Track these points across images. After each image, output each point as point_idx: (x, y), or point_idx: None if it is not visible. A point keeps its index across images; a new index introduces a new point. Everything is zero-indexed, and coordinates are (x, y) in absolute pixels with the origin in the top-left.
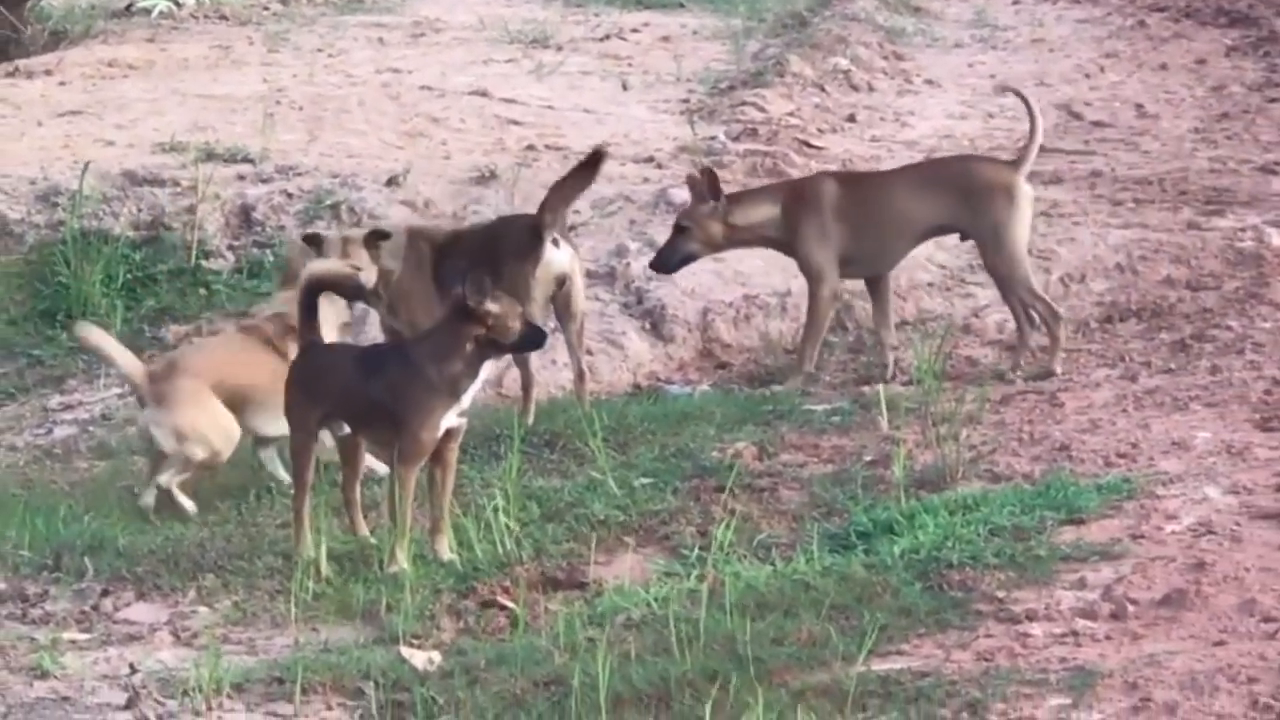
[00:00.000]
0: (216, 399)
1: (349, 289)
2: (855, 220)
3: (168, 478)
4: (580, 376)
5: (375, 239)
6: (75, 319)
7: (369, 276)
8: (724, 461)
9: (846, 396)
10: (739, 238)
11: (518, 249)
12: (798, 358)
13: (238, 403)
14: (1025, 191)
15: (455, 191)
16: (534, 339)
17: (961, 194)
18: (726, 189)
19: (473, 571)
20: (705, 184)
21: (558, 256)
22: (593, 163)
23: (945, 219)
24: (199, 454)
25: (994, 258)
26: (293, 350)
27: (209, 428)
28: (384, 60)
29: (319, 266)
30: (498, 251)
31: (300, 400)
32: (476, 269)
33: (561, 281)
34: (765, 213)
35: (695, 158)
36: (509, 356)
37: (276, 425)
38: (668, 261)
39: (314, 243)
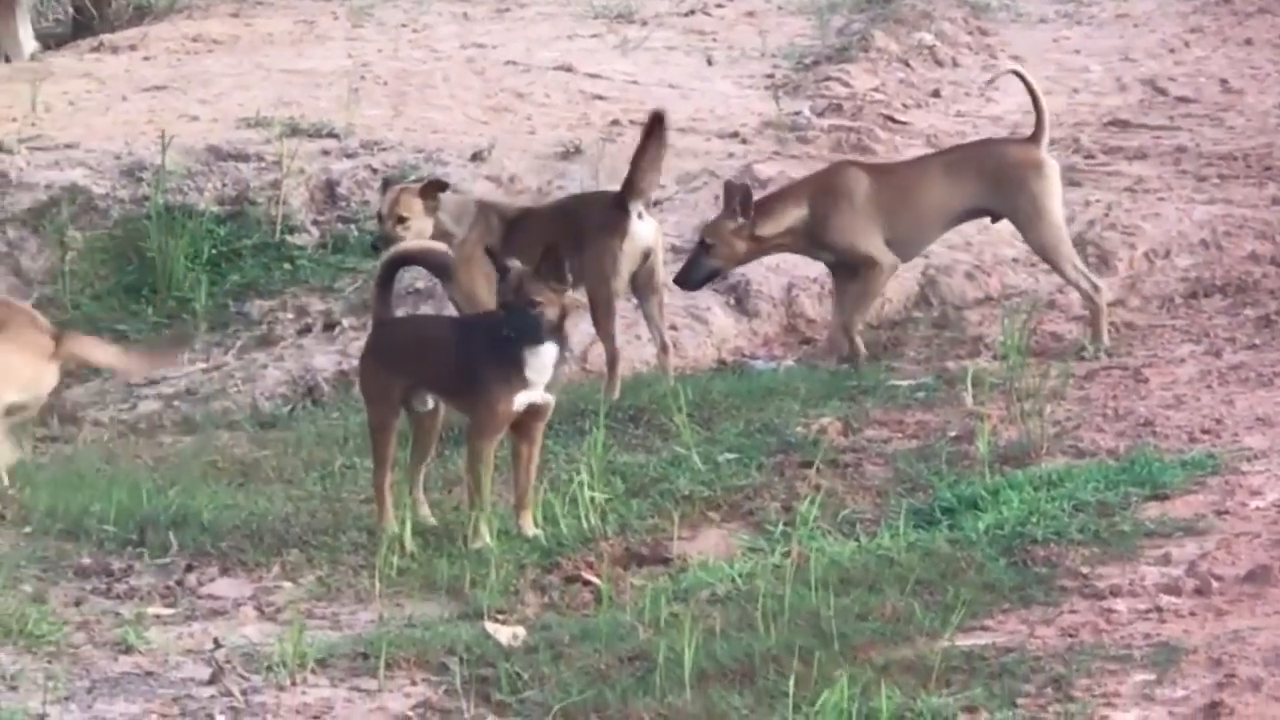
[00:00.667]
0: None
1: (435, 265)
2: (887, 209)
3: None
4: (664, 349)
5: (434, 190)
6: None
7: (422, 227)
8: (809, 437)
9: (931, 372)
10: (766, 248)
11: (603, 224)
12: (844, 326)
13: None
14: (1052, 165)
15: (540, 166)
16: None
17: (991, 177)
18: (812, 163)
19: (557, 547)
20: (738, 201)
21: (643, 230)
22: (655, 127)
23: (976, 203)
24: None
25: (1038, 235)
26: None
27: None
28: (468, 35)
29: (405, 244)
30: (580, 227)
31: (380, 374)
32: (505, 257)
33: (647, 255)
34: (794, 216)
35: (780, 133)
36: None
37: None
38: (690, 278)
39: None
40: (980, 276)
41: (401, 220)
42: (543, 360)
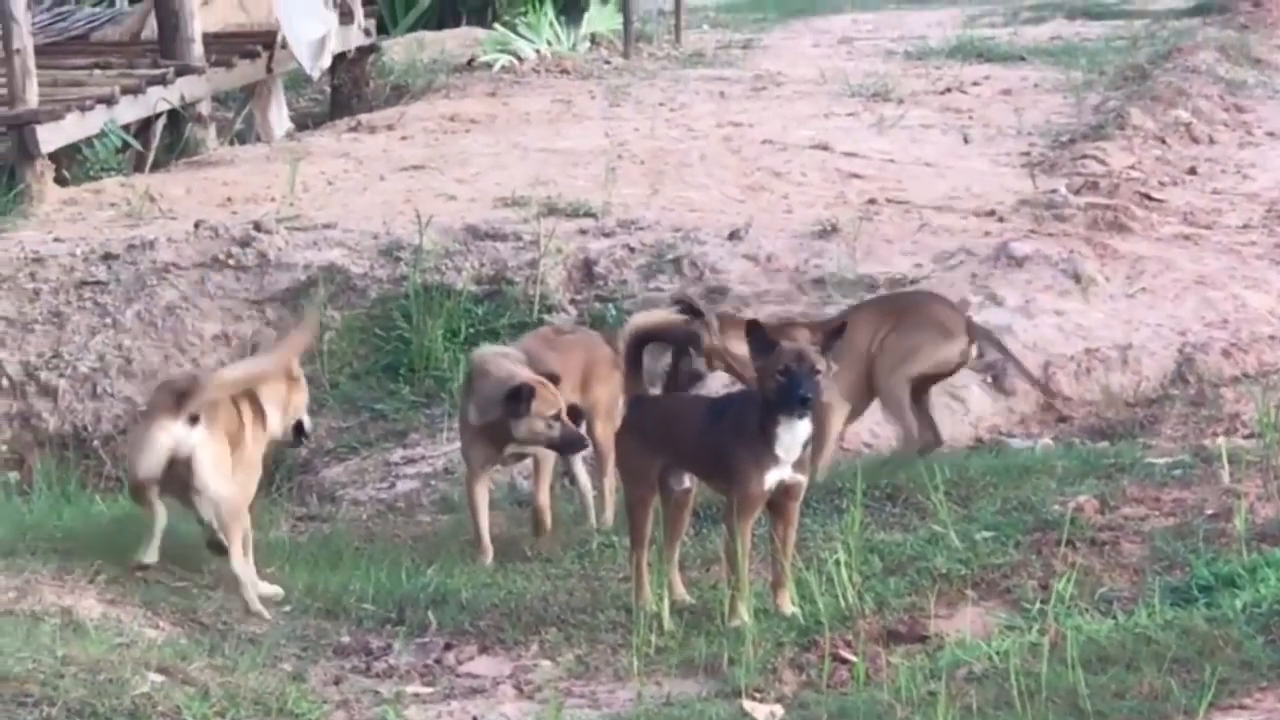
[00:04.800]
0: None
1: (679, 338)
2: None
3: None
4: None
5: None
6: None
7: None
8: (1065, 514)
9: (1187, 450)
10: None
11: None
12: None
13: None
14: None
15: (796, 245)
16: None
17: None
18: (1068, 241)
19: (815, 625)
20: (685, 310)
21: None
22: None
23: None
24: None
25: (882, 378)
26: None
27: None
28: (725, 114)
29: (643, 318)
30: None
31: (639, 452)
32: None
33: None
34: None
35: (1037, 210)
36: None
37: None
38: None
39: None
40: (1237, 354)
41: None
42: (795, 436)
